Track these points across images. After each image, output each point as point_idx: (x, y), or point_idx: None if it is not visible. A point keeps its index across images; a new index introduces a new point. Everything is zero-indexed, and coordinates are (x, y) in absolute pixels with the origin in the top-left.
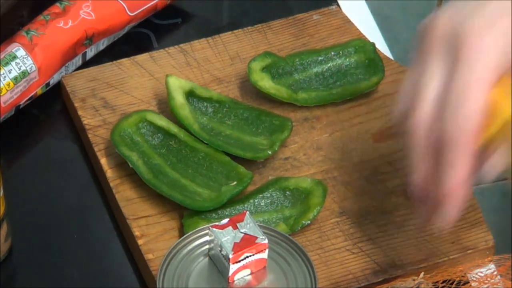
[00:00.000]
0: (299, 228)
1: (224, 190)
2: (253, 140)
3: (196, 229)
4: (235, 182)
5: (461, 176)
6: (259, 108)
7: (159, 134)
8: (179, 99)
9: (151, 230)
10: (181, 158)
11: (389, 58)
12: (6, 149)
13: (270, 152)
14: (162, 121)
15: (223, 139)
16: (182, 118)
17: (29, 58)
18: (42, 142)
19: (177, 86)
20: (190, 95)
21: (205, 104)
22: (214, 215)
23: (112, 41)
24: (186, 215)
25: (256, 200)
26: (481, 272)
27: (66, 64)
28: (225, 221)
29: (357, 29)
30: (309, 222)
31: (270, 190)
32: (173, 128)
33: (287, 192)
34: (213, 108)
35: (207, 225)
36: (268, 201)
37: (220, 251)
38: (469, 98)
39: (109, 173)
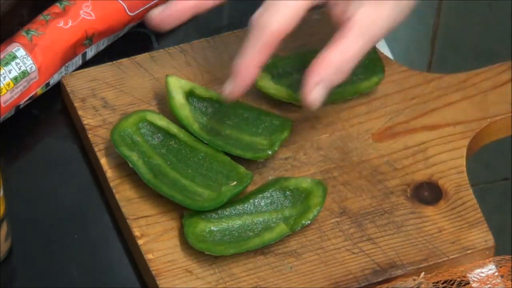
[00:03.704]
0: (299, 228)
1: (224, 190)
2: (253, 140)
3: None
4: (235, 182)
5: (251, 60)
6: (259, 108)
7: (159, 134)
8: (179, 99)
9: (151, 230)
10: (181, 158)
11: (389, 58)
12: (6, 149)
13: (270, 152)
14: (162, 121)
15: (223, 139)
16: (182, 118)
17: (29, 58)
18: (42, 142)
19: (177, 86)
20: (190, 95)
21: (205, 104)
22: (214, 215)
23: (112, 41)
24: (186, 215)
25: (256, 200)
26: (482, 273)
27: (66, 64)
28: None
29: None
30: (309, 222)
31: (270, 190)
32: (173, 128)
33: (287, 192)
34: (213, 108)
35: None
36: (268, 201)
37: None
38: (288, 3)
39: (109, 173)
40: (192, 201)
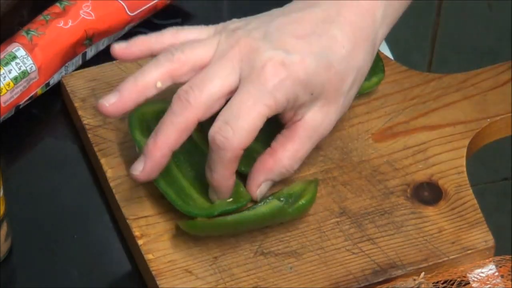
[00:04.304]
0: (294, 208)
1: (218, 203)
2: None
3: None
4: (231, 199)
5: (223, 175)
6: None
7: None
8: None
9: (151, 230)
10: (188, 158)
11: (389, 58)
12: (6, 149)
13: None
14: None
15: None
16: None
17: (29, 58)
18: (42, 142)
19: None
20: None
21: None
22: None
23: (112, 41)
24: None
25: (252, 209)
26: (482, 273)
27: (66, 64)
28: None
29: None
30: (304, 202)
31: (265, 199)
32: None
33: (281, 198)
34: None
35: None
36: (263, 203)
37: None
38: (246, 117)
39: (109, 173)
40: (183, 204)
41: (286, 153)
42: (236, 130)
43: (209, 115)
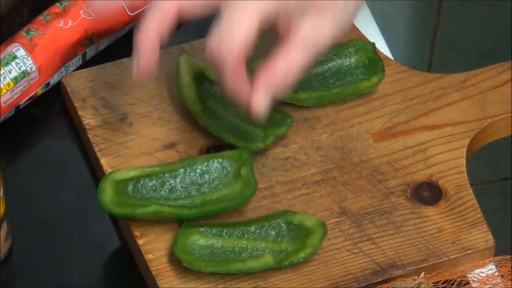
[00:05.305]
0: (286, 264)
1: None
2: (251, 130)
3: None
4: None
5: (234, 87)
6: None
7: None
8: (187, 79)
9: (151, 230)
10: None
11: (389, 58)
12: (6, 149)
13: (261, 145)
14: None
15: (221, 125)
16: (185, 98)
17: (29, 58)
18: (42, 142)
19: (188, 66)
20: (201, 77)
21: (214, 88)
22: (214, 230)
23: (112, 41)
24: (186, 225)
25: (259, 226)
26: (482, 273)
27: (66, 64)
28: None
29: (357, 29)
30: (301, 260)
31: (276, 220)
32: None
33: (291, 226)
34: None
35: None
36: (270, 230)
37: None
38: (238, 24)
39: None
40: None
41: (281, 62)
42: (232, 37)
43: (191, 7)
